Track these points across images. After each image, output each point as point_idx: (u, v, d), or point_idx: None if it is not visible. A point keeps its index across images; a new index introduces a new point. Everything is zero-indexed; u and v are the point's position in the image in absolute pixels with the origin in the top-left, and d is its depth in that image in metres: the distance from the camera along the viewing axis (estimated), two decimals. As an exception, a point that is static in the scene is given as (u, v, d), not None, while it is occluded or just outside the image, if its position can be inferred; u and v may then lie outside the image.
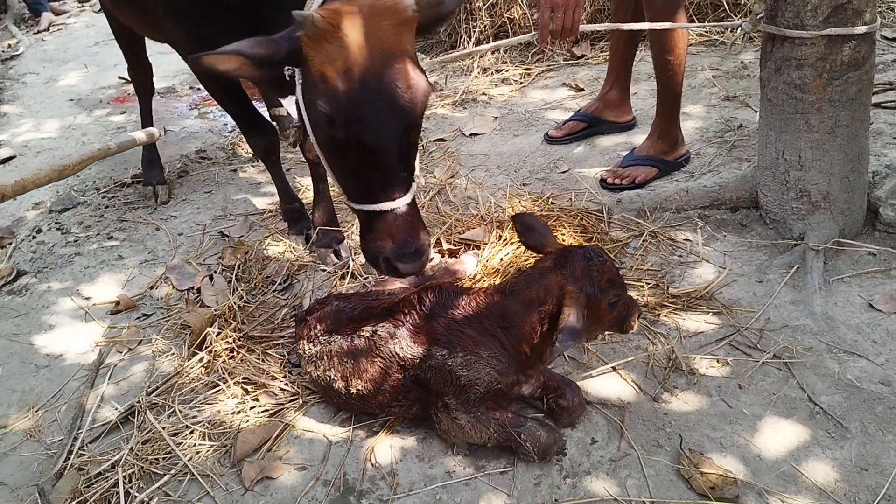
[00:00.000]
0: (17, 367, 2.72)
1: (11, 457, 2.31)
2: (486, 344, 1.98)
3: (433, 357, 1.99)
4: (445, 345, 1.99)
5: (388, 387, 2.08)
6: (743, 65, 4.37)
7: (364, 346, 2.09)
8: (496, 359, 1.97)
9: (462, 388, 1.98)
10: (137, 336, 2.77)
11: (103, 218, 3.75)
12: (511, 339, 1.98)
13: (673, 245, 2.84)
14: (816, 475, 1.91)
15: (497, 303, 2.01)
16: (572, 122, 3.81)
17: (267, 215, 3.52)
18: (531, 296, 1.95)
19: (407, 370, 2.04)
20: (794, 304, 2.47)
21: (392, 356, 2.05)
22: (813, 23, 2.39)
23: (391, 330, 2.06)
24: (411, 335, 2.04)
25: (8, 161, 4.61)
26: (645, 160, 3.33)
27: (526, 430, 1.98)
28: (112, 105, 5.39)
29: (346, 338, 2.13)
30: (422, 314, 2.06)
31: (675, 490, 1.91)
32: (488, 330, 1.99)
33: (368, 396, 2.11)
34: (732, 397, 2.16)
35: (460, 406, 2.01)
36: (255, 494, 2.04)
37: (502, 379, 1.97)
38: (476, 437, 2.01)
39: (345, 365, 2.12)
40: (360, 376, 2.10)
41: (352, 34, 1.91)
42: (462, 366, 1.96)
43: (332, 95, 1.94)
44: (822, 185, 2.62)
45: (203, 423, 2.27)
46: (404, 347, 2.03)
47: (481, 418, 2.00)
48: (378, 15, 1.96)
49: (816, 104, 2.51)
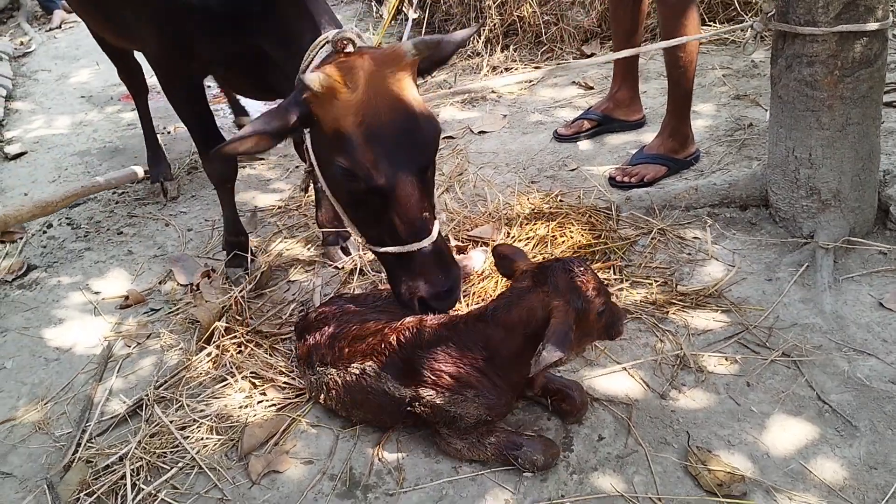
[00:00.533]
0: (27, 361, 2.73)
1: (20, 449, 2.32)
2: (471, 382, 1.91)
3: (421, 397, 1.96)
4: (431, 386, 1.94)
5: (387, 415, 2.09)
6: (753, 63, 4.35)
7: (355, 382, 2.06)
8: (483, 397, 1.92)
9: (452, 419, 1.96)
10: (146, 330, 2.78)
11: (113, 213, 3.77)
12: (497, 369, 1.92)
13: (682, 243, 2.83)
14: (825, 473, 1.89)
15: (478, 331, 1.92)
16: (582, 120, 3.80)
17: (276, 211, 3.53)
18: (513, 319, 1.86)
19: (400, 405, 2.02)
20: (803, 303, 2.46)
21: (384, 393, 2.02)
22: (824, 19, 2.38)
23: (377, 369, 2.03)
24: (396, 378, 2.00)
25: (20, 157, 4.65)
26: (655, 158, 3.32)
27: (522, 454, 1.95)
28: (123, 102, 5.42)
29: (340, 372, 2.10)
30: (402, 356, 1.99)
31: (682, 487, 1.90)
32: (472, 364, 1.91)
33: (371, 421, 2.15)
34: (741, 395, 2.15)
35: (453, 433, 2.00)
36: (262, 488, 2.04)
37: (491, 412, 1.95)
38: (474, 457, 2.01)
39: (343, 397, 2.12)
40: (358, 407, 2.11)
41: (358, 88, 1.93)
42: (450, 403, 1.93)
43: (349, 151, 1.94)
44: (833, 184, 2.61)
45: (211, 416, 2.28)
46: (391, 388, 2.01)
47: (476, 443, 1.99)
48: (380, 64, 1.97)
49: (827, 101, 2.50)
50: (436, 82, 4.91)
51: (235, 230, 3.08)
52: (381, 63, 1.98)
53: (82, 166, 4.39)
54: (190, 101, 2.80)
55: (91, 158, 4.52)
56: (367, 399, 2.06)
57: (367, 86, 1.94)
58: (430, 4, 5.70)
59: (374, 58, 1.99)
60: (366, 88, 1.93)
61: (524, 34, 5.18)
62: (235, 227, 3.07)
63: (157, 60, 2.75)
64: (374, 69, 1.96)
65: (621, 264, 2.73)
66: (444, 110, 4.47)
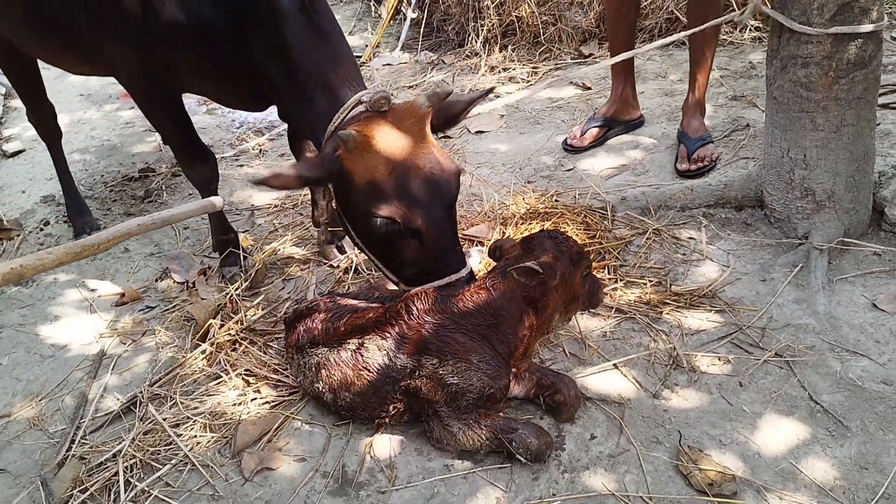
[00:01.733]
0: (22, 357, 2.74)
1: (15, 445, 2.33)
2: (476, 349, 1.97)
3: (424, 367, 1.98)
4: (436, 353, 1.97)
5: (376, 398, 2.07)
6: (751, 64, 4.36)
7: (351, 359, 2.07)
8: (487, 363, 1.96)
9: (454, 395, 1.97)
10: (141, 327, 2.79)
11: (110, 211, 3.77)
12: (500, 336, 1.98)
13: (677, 243, 2.84)
14: (816, 473, 1.90)
15: (481, 300, 2.01)
16: (593, 128, 3.72)
17: (272, 210, 3.53)
18: (511, 284, 1.98)
19: (396, 381, 2.03)
20: (797, 303, 2.46)
21: (381, 368, 2.03)
22: (819, 21, 2.38)
23: (379, 342, 2.04)
24: (400, 346, 2.02)
25: (18, 154, 4.65)
26: (706, 139, 3.40)
27: (517, 437, 1.96)
28: (121, 100, 5.42)
29: (334, 350, 2.11)
30: (410, 323, 2.03)
31: (673, 486, 1.91)
32: (478, 332, 1.98)
33: (357, 407, 2.12)
34: (733, 395, 2.16)
35: (452, 413, 2.00)
36: (255, 485, 2.05)
37: (494, 383, 1.97)
38: (468, 443, 2.01)
39: (332, 377, 2.11)
40: (347, 388, 2.10)
41: (386, 141, 2.06)
42: (453, 374, 1.95)
43: (385, 199, 2.06)
44: (828, 185, 2.61)
45: (204, 414, 2.28)
46: (393, 359, 2.02)
47: (472, 425, 1.99)
48: (400, 118, 2.11)
49: (822, 103, 2.50)
50: (434, 82, 4.92)
51: (223, 229, 3.08)
52: (401, 116, 2.12)
53: (80, 164, 4.40)
54: (171, 117, 2.79)
55: (89, 156, 4.52)
56: (359, 377, 2.06)
57: (394, 138, 2.08)
58: (429, 4, 5.72)
59: (395, 111, 2.13)
60: (393, 140, 2.07)
61: (522, 34, 5.19)
62: (223, 226, 3.08)
63: (134, 82, 2.73)
64: (397, 122, 2.11)
65: (616, 264, 2.73)
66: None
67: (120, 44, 2.58)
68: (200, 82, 2.70)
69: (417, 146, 2.10)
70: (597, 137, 3.71)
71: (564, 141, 3.77)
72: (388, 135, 2.07)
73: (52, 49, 3.00)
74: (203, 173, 2.89)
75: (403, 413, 2.09)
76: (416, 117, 2.12)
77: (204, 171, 2.89)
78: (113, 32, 2.57)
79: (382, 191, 2.06)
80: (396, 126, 2.10)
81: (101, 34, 2.60)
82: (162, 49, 2.49)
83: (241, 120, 4.81)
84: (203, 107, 5.08)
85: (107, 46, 2.63)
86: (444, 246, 2.16)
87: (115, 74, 2.77)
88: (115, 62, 2.68)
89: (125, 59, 2.63)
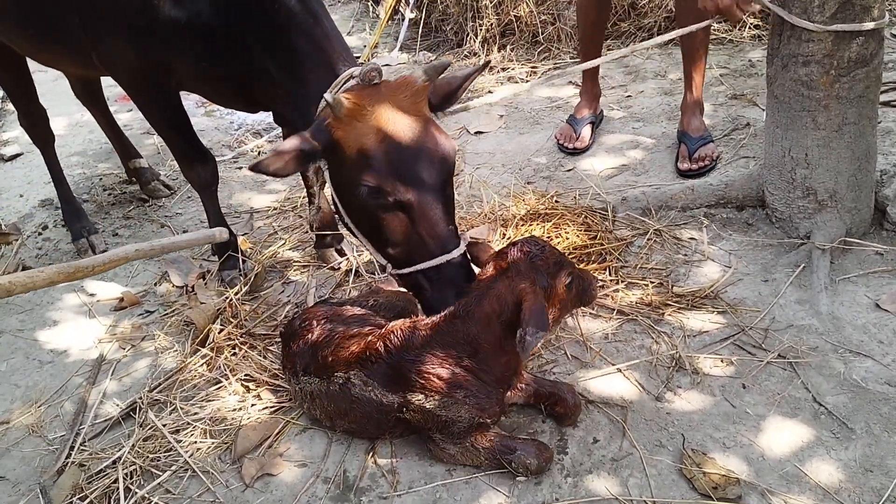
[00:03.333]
0: (20, 363, 2.72)
1: (14, 452, 2.31)
2: (460, 382, 1.90)
3: (410, 403, 1.95)
4: (420, 390, 1.93)
5: (373, 425, 2.06)
6: (751, 63, 4.34)
7: (339, 392, 2.03)
8: (473, 396, 1.91)
9: (444, 424, 1.94)
10: (140, 332, 2.77)
11: (109, 215, 3.76)
12: (483, 365, 1.92)
13: (678, 244, 2.82)
14: (820, 476, 1.88)
15: (458, 329, 1.91)
16: (587, 126, 3.72)
17: (270, 213, 3.52)
18: (486, 310, 1.88)
19: (387, 413, 2.00)
20: (799, 304, 2.45)
21: (370, 402, 2.00)
22: (820, 18, 2.36)
23: (364, 378, 2.00)
24: (384, 384, 1.97)
25: (16, 158, 4.64)
26: (707, 138, 3.39)
27: (515, 458, 1.94)
28: (119, 103, 5.39)
29: (324, 381, 2.07)
30: (390, 362, 1.97)
31: (677, 490, 1.89)
32: (458, 363, 1.91)
33: (357, 432, 2.12)
34: (736, 397, 2.14)
35: (447, 439, 1.98)
36: (256, 491, 2.03)
37: (483, 413, 1.94)
38: (468, 462, 2.00)
39: (327, 407, 2.10)
40: (342, 417, 2.09)
41: (377, 109, 2.02)
42: (441, 408, 1.92)
43: (375, 168, 2.01)
44: (829, 184, 2.60)
45: (204, 419, 2.27)
46: (379, 395, 1.98)
47: (469, 448, 1.97)
48: (394, 90, 2.08)
49: (823, 101, 2.49)
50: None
51: None
52: (396, 89, 2.08)
53: (78, 167, 4.39)
54: (169, 116, 2.77)
55: (87, 159, 4.51)
56: (352, 408, 2.03)
57: (387, 108, 2.03)
58: (427, 4, 5.70)
59: (389, 85, 2.09)
60: (385, 111, 2.03)
61: (521, 34, 5.17)
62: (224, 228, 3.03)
63: (134, 82, 2.71)
64: (390, 94, 2.07)
65: (617, 265, 2.72)
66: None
67: (118, 43, 2.56)
68: (198, 82, 2.68)
69: (411, 119, 2.06)
70: (592, 134, 3.73)
71: (561, 146, 3.72)
72: (379, 104, 2.03)
73: (47, 49, 2.97)
74: (202, 175, 2.87)
75: (402, 434, 2.09)
76: (411, 90, 2.09)
77: (203, 173, 2.86)
78: (112, 32, 2.55)
79: (371, 160, 2.01)
80: (390, 98, 2.06)
81: (98, 34, 2.58)
82: (161, 48, 2.48)
83: (240, 122, 4.79)
84: (201, 108, 5.06)
85: (105, 46, 2.61)
86: (434, 224, 2.06)
87: (114, 74, 2.75)
88: (113, 62, 2.66)
89: (124, 59, 2.61)
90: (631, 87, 4.34)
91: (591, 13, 3.58)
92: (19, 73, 3.43)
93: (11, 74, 3.44)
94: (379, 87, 2.07)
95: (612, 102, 4.17)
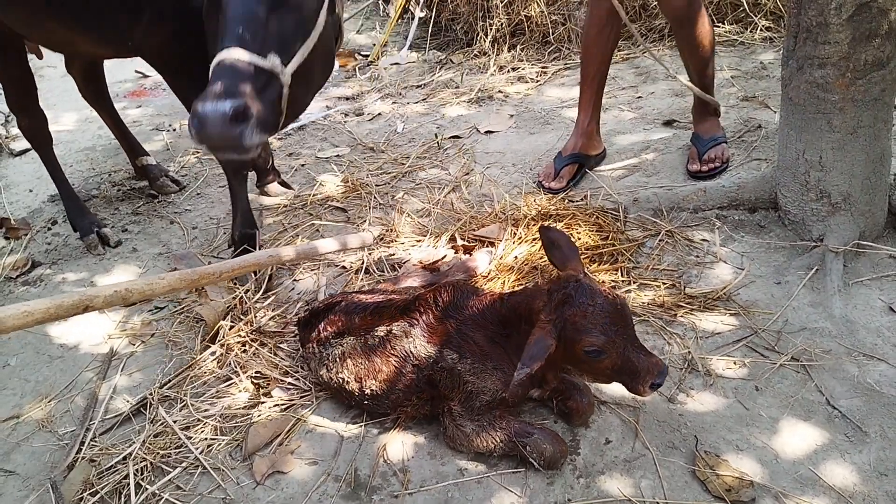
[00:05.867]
0: (30, 358, 2.72)
1: (24, 447, 2.31)
2: (492, 354, 1.96)
3: (444, 359, 1.98)
4: (456, 348, 1.98)
5: (402, 386, 2.06)
6: (762, 65, 4.33)
7: (378, 345, 2.08)
8: (501, 371, 1.95)
9: (468, 394, 1.96)
10: (150, 329, 2.77)
11: (118, 211, 3.76)
12: (514, 349, 1.95)
13: (690, 245, 2.81)
14: (834, 479, 1.88)
15: (497, 310, 2.00)
16: (567, 166, 3.43)
17: (281, 210, 3.51)
18: (518, 310, 1.94)
19: (420, 370, 2.02)
20: (812, 307, 2.44)
21: (406, 355, 2.04)
22: (836, 21, 2.35)
23: (406, 328, 2.05)
24: (426, 334, 2.02)
25: (25, 153, 4.64)
26: (717, 139, 3.34)
27: (532, 443, 1.94)
28: (128, 99, 5.41)
29: (360, 338, 2.12)
30: (436, 314, 2.04)
31: (690, 492, 1.89)
32: (492, 337, 1.97)
33: (382, 396, 2.10)
34: (749, 399, 2.14)
35: (465, 413, 1.99)
36: (266, 488, 2.03)
37: (508, 389, 1.94)
38: (481, 445, 1.99)
39: (358, 366, 2.10)
40: (374, 376, 2.08)
41: None
42: (470, 372, 1.95)
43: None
44: (843, 187, 2.58)
45: (215, 416, 2.27)
46: (418, 346, 2.02)
47: (486, 427, 1.97)
48: None
49: (839, 104, 2.47)
50: (442, 81, 4.90)
51: (249, 223, 3.06)
52: None
53: (87, 163, 4.39)
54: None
55: (96, 155, 4.51)
56: (387, 363, 2.05)
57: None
58: (437, 3, 5.69)
59: None
60: None
61: (531, 34, 5.16)
62: (249, 221, 3.06)
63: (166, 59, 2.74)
64: None
65: (629, 266, 2.71)
66: (451, 109, 4.45)
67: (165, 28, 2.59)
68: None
69: None
70: (572, 175, 3.42)
71: (538, 182, 3.45)
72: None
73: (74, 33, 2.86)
74: None
75: (425, 403, 2.08)
76: None
77: None
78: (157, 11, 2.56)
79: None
80: None
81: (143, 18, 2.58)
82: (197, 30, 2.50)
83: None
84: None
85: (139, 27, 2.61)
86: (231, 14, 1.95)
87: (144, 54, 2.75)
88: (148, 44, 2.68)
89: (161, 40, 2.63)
90: (641, 88, 4.33)
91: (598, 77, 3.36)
92: (22, 72, 3.33)
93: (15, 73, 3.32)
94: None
95: (623, 103, 4.16)
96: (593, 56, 3.31)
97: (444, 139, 4.03)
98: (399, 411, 2.13)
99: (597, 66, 3.34)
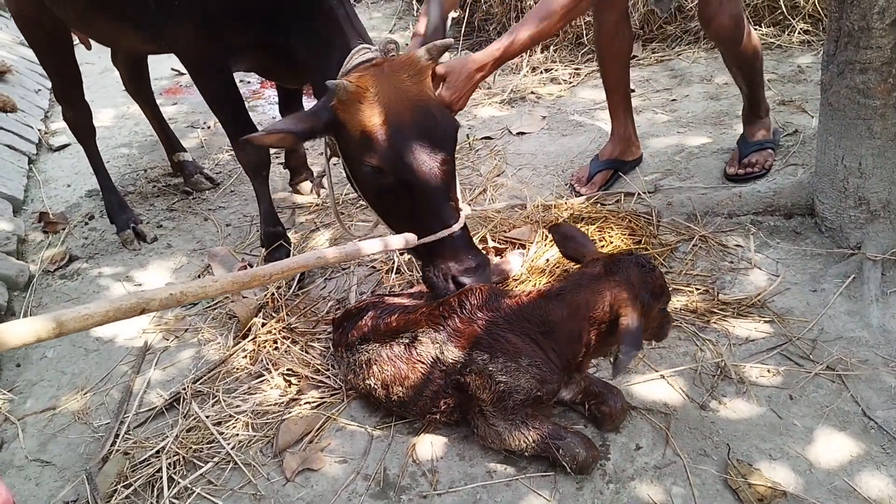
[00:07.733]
0: (67, 350, 2.77)
1: (60, 438, 2.36)
2: (527, 351, 1.94)
3: (474, 361, 1.97)
4: (486, 349, 1.96)
5: (429, 392, 2.06)
6: (799, 69, 4.27)
7: (404, 352, 2.07)
8: (536, 367, 1.93)
9: (501, 394, 1.95)
10: (184, 324, 2.81)
11: (153, 206, 3.81)
12: (552, 345, 1.95)
13: (724, 251, 2.78)
14: (870, 491, 1.85)
15: (540, 307, 1.97)
16: (601, 172, 3.39)
17: (313, 209, 3.54)
18: (579, 301, 1.91)
19: (448, 375, 2.02)
20: (849, 315, 2.40)
21: (433, 361, 2.03)
22: (879, 25, 2.31)
23: (432, 334, 2.04)
24: (452, 339, 2.01)
25: (64, 148, 4.73)
26: (763, 144, 3.30)
27: (565, 446, 1.93)
28: (164, 96, 5.48)
29: (386, 345, 2.11)
30: (463, 317, 2.03)
31: (721, 501, 1.87)
32: (529, 335, 1.96)
33: (409, 402, 2.11)
34: (783, 408, 2.11)
35: (497, 413, 1.98)
36: (297, 485, 2.05)
37: (542, 387, 1.94)
38: (513, 443, 1.98)
39: (384, 372, 2.11)
40: (400, 383, 2.09)
41: (380, 92, 2.12)
42: (503, 371, 1.93)
43: (376, 149, 2.12)
44: (883, 194, 2.54)
45: (247, 412, 2.29)
46: (445, 351, 2.01)
47: (519, 426, 1.97)
48: (397, 70, 2.17)
49: (880, 110, 2.43)
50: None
51: (273, 221, 3.08)
52: (399, 69, 2.17)
53: (124, 159, 4.46)
54: (222, 91, 2.85)
55: (133, 151, 4.58)
56: (413, 369, 2.05)
57: (388, 90, 2.13)
58: (470, 4, 5.69)
59: (393, 65, 2.19)
60: (387, 92, 2.12)
61: (565, 35, 5.14)
62: (273, 219, 3.08)
63: (191, 55, 2.79)
64: (393, 75, 2.16)
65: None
66: (483, 110, 4.45)
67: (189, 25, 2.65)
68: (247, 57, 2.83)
69: (414, 98, 2.15)
70: (605, 180, 3.40)
71: (570, 185, 3.46)
72: (382, 86, 2.12)
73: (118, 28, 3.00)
74: (253, 157, 2.93)
75: (454, 410, 2.07)
76: (414, 70, 2.17)
77: (254, 155, 2.92)
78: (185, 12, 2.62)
79: (373, 141, 2.12)
80: (393, 78, 2.15)
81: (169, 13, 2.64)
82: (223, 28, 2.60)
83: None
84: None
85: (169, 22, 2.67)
86: (434, 200, 2.18)
87: (177, 52, 2.83)
88: (175, 38, 2.75)
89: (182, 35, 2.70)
90: (676, 91, 4.29)
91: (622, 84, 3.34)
92: (70, 64, 3.46)
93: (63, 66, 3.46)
94: (382, 68, 2.17)
95: (657, 106, 4.12)
96: (611, 66, 3.30)
97: (475, 140, 4.03)
98: (428, 418, 2.13)
99: (616, 73, 3.33)
